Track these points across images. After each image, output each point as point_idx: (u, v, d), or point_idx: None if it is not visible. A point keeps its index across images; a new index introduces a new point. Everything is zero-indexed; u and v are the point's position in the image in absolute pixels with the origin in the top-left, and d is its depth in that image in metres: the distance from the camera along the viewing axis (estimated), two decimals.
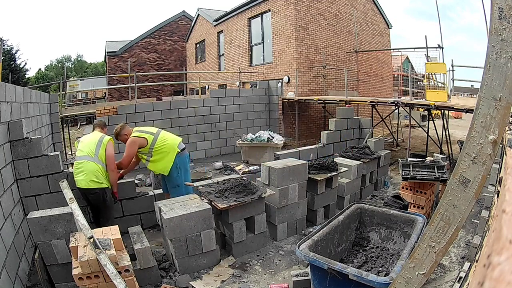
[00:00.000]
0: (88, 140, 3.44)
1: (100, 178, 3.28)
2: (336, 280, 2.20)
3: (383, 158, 5.58)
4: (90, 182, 3.22)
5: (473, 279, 1.05)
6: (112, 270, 2.12)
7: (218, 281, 2.93)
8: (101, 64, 39.44)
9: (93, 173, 3.23)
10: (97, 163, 3.29)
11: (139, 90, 15.25)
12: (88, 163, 3.26)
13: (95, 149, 3.34)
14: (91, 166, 3.25)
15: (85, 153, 3.32)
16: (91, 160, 3.28)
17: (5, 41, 19.11)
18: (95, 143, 3.38)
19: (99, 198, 3.32)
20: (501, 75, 1.08)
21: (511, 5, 1.01)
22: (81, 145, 3.42)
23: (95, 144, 3.37)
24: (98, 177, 3.26)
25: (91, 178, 3.22)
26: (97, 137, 3.46)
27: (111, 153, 3.41)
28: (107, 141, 3.45)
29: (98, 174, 3.26)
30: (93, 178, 3.23)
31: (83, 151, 3.34)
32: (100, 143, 3.39)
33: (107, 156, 3.37)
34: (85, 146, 3.37)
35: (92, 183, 3.23)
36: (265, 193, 3.43)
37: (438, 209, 1.33)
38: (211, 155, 8.49)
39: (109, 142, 3.45)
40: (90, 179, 3.22)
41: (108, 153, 3.38)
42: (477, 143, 1.17)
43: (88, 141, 3.43)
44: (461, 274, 2.60)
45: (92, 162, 3.27)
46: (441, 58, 8.69)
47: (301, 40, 9.88)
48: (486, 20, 5.90)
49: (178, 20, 19.41)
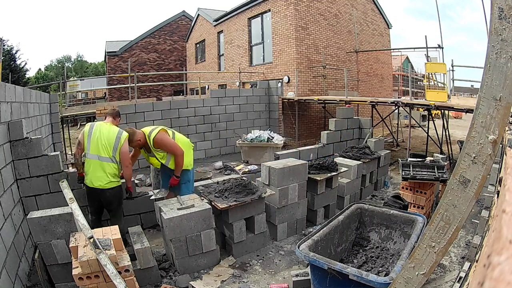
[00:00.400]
0: (104, 136, 3.21)
1: (116, 177, 3.27)
2: (336, 280, 2.20)
3: (383, 158, 5.58)
4: (108, 183, 3.18)
5: (473, 279, 1.05)
6: (112, 270, 2.12)
7: (218, 281, 2.93)
8: (101, 64, 39.45)
9: (111, 174, 3.20)
10: (114, 163, 3.23)
11: (139, 90, 15.25)
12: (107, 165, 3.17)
13: (113, 147, 3.20)
14: (109, 167, 3.18)
15: (101, 152, 3.16)
16: (109, 161, 3.18)
17: (5, 41, 19.09)
18: (112, 140, 3.20)
19: (115, 197, 3.29)
20: (501, 75, 1.08)
21: (511, 5, 1.01)
22: (94, 140, 3.18)
23: (112, 141, 3.20)
24: (115, 177, 3.25)
25: (110, 179, 3.19)
26: (114, 134, 3.25)
27: (126, 149, 3.29)
28: (124, 139, 3.27)
29: (116, 173, 3.25)
30: (112, 179, 3.20)
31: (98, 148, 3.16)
32: (118, 140, 3.23)
33: (122, 152, 3.24)
34: (99, 143, 3.17)
35: (111, 183, 3.20)
36: (265, 193, 3.43)
37: (438, 209, 1.33)
38: (211, 155, 8.49)
39: (125, 140, 3.29)
40: (109, 180, 3.18)
41: (124, 149, 3.25)
42: (477, 143, 1.17)
43: (105, 136, 3.20)
44: (461, 274, 2.60)
45: (111, 163, 3.19)
46: (441, 58, 8.70)
47: (301, 40, 9.88)
48: (486, 20, 5.91)
49: (178, 20, 19.41)
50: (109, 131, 3.26)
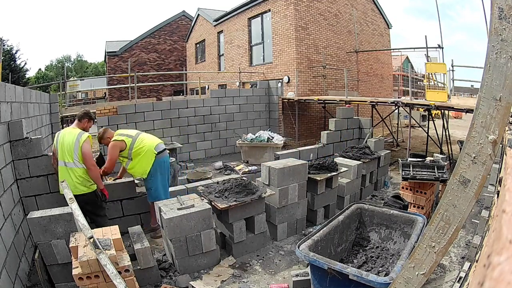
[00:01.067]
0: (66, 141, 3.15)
1: (86, 182, 3.17)
2: (336, 280, 2.20)
3: (383, 158, 5.58)
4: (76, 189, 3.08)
5: (473, 279, 1.05)
6: (112, 270, 2.12)
7: (218, 281, 2.93)
8: (101, 64, 39.46)
9: (79, 179, 3.12)
10: (79, 167, 3.14)
11: (139, 90, 15.27)
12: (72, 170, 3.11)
13: (73, 151, 3.11)
14: (75, 172, 3.11)
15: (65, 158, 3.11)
16: (73, 166, 3.11)
17: (5, 41, 19.11)
18: (72, 144, 3.13)
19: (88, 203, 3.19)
20: (501, 75, 1.08)
21: (511, 5, 1.01)
22: (60, 146, 3.15)
23: (72, 145, 3.13)
24: (84, 181, 3.16)
25: (78, 185, 3.11)
26: (74, 137, 3.17)
27: (87, 150, 3.16)
28: (84, 140, 3.18)
29: (84, 177, 3.16)
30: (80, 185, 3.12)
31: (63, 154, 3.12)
32: (78, 142, 3.14)
33: (83, 153, 3.14)
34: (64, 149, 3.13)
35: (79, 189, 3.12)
36: (265, 193, 3.43)
37: (438, 209, 1.33)
38: (211, 155, 8.49)
39: (85, 141, 3.18)
40: (76, 186, 3.10)
41: (84, 150, 3.14)
42: (477, 143, 1.17)
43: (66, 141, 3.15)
44: (461, 274, 2.60)
45: (76, 167, 3.12)
46: (441, 58, 8.71)
47: (301, 40, 9.88)
48: (486, 20, 5.91)
49: (178, 20, 19.42)
50: (69, 135, 3.19)
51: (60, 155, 3.15)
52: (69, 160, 3.11)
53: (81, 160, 3.15)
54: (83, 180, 3.16)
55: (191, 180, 5.16)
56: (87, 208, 3.21)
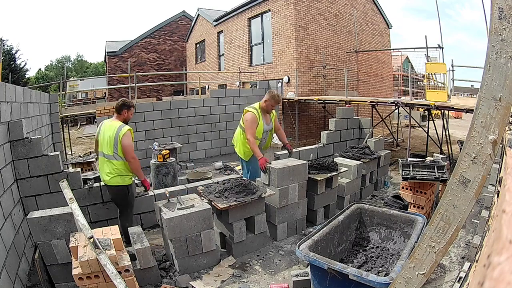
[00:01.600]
0: (106, 133, 3.28)
1: (122, 175, 3.31)
2: (336, 280, 2.20)
3: (383, 158, 5.58)
4: (112, 179, 3.27)
5: (473, 279, 1.05)
6: (112, 270, 2.12)
7: (218, 281, 2.93)
8: (101, 64, 39.45)
9: (116, 170, 3.26)
10: (118, 160, 3.27)
11: (139, 90, 15.27)
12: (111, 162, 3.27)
13: (113, 144, 3.23)
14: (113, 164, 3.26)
15: (104, 149, 3.27)
16: (112, 158, 3.26)
17: (5, 41, 19.13)
18: (112, 137, 3.23)
19: (118, 195, 3.39)
20: (501, 75, 1.08)
21: (511, 5, 1.01)
22: (101, 137, 3.32)
23: (112, 138, 3.23)
24: (121, 174, 3.30)
25: (114, 175, 3.27)
26: (114, 130, 3.25)
27: (127, 143, 3.26)
28: (124, 133, 3.25)
29: (122, 170, 3.29)
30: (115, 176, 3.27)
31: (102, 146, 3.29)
32: (117, 135, 3.23)
33: (123, 146, 3.23)
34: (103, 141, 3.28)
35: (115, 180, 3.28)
36: (265, 193, 3.43)
37: (438, 209, 1.33)
38: (211, 155, 8.49)
39: (124, 135, 3.25)
40: (113, 176, 3.27)
41: (125, 143, 3.24)
42: (477, 143, 1.17)
43: (106, 134, 3.27)
44: (461, 274, 2.60)
45: (114, 160, 3.26)
46: (441, 58, 8.70)
47: (301, 40, 9.88)
48: (486, 20, 5.90)
49: (178, 20, 19.43)
50: (109, 129, 3.30)
51: (100, 146, 3.34)
52: (108, 153, 3.26)
53: (120, 153, 3.26)
54: (119, 173, 3.28)
55: (191, 180, 5.16)
56: (116, 201, 3.46)
